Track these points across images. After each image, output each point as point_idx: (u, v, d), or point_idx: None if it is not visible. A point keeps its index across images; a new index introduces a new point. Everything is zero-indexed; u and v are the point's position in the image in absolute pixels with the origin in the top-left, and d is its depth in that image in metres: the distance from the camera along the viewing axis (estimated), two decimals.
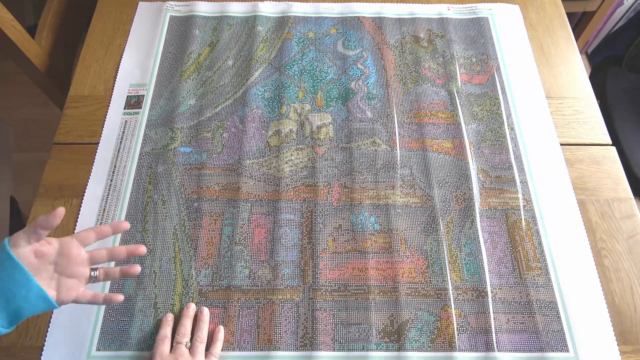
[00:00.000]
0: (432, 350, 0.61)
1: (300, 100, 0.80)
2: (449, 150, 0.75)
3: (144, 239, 0.68)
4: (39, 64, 0.90)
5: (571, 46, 0.88)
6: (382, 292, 0.64)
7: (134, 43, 0.86)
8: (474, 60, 0.85)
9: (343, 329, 0.62)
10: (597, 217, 0.71)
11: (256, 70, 0.83)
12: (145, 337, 0.61)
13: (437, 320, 0.62)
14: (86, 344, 0.60)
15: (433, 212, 0.70)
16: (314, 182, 0.73)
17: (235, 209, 0.70)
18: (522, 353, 0.61)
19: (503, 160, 0.75)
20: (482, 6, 0.91)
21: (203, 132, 0.77)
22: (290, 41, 0.87)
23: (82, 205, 0.70)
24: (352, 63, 0.84)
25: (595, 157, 0.76)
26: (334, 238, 0.68)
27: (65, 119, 0.78)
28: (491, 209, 0.71)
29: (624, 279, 0.66)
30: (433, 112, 0.79)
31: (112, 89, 0.81)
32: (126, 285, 0.64)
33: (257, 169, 0.74)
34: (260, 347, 0.61)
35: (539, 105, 0.80)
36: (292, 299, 0.64)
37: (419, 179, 0.73)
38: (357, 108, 0.80)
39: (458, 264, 0.66)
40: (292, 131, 0.77)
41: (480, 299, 0.64)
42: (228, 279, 0.65)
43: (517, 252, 0.67)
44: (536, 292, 0.64)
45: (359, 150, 0.75)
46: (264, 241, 0.68)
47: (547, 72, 0.84)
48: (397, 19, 0.89)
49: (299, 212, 0.70)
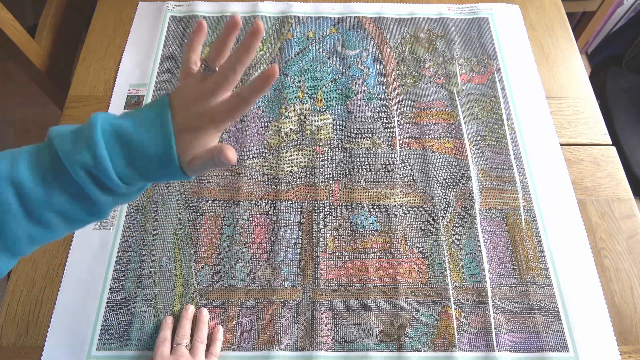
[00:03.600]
0: (432, 350, 0.61)
1: (300, 100, 0.80)
2: (449, 150, 0.75)
3: (143, 239, 0.68)
4: (39, 64, 0.90)
5: (571, 46, 0.88)
6: (382, 292, 0.64)
7: (134, 43, 0.86)
8: (474, 60, 0.85)
9: (343, 329, 0.62)
10: (597, 217, 0.71)
11: (256, 70, 0.83)
12: (145, 337, 0.61)
13: (437, 320, 0.63)
14: (86, 344, 0.60)
15: (433, 212, 0.70)
16: (314, 182, 0.73)
17: (235, 209, 0.70)
18: (522, 353, 0.61)
19: (503, 160, 0.75)
20: (482, 6, 0.91)
21: None
22: (290, 41, 0.87)
23: None
24: (352, 63, 0.84)
25: (595, 157, 0.76)
26: (334, 238, 0.68)
27: (65, 119, 0.78)
28: (491, 209, 0.71)
29: (624, 279, 0.66)
30: (433, 112, 0.79)
31: (112, 89, 0.81)
32: (126, 285, 0.64)
33: (257, 169, 0.74)
34: (260, 347, 0.61)
35: (539, 105, 0.80)
36: (292, 299, 0.64)
37: (419, 179, 0.73)
38: (357, 108, 0.80)
39: (458, 264, 0.66)
40: (292, 131, 0.77)
41: (480, 299, 0.64)
42: (228, 279, 0.65)
43: (517, 252, 0.67)
44: (536, 292, 0.64)
45: (359, 150, 0.75)
46: (264, 241, 0.68)
47: (547, 72, 0.84)
48: (397, 19, 0.89)
49: (299, 212, 0.70)
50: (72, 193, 0.37)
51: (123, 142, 0.37)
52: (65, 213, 0.38)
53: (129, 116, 0.39)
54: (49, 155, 0.37)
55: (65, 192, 0.37)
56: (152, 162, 0.38)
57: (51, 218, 0.37)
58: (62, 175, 0.37)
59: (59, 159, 0.36)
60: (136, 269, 0.66)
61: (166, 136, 0.37)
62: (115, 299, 0.63)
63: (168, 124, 0.38)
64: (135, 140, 0.37)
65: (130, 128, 0.37)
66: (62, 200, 0.37)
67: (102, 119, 0.37)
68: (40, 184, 0.36)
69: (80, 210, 0.38)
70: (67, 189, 0.37)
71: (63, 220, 0.38)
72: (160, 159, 0.38)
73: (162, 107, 0.38)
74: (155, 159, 0.38)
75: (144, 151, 0.37)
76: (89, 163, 0.36)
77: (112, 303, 0.63)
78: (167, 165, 0.38)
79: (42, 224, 0.37)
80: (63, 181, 0.37)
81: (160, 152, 0.37)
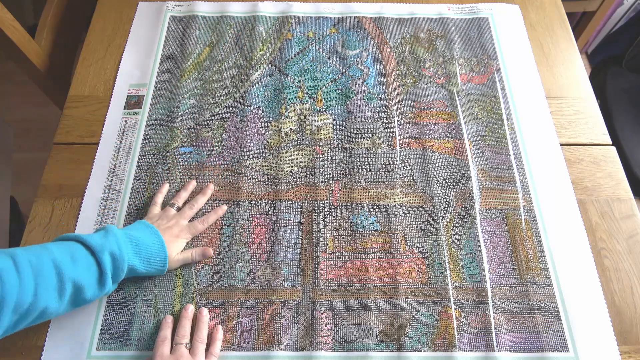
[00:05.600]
0: (432, 350, 0.61)
1: (300, 100, 0.80)
2: (449, 150, 0.75)
3: None
4: (39, 64, 0.90)
5: (571, 46, 0.88)
6: (382, 292, 0.64)
7: (134, 43, 0.86)
8: (474, 60, 0.85)
9: (343, 329, 0.62)
10: (597, 217, 0.71)
11: (256, 70, 0.83)
12: (145, 337, 0.61)
13: (437, 320, 0.63)
14: (86, 344, 0.60)
15: (433, 212, 0.70)
16: (314, 182, 0.73)
17: (235, 209, 0.70)
18: (522, 353, 0.61)
19: (503, 160, 0.75)
20: (482, 6, 0.91)
21: (203, 132, 0.77)
22: (290, 41, 0.87)
23: (82, 205, 0.70)
24: (352, 63, 0.84)
25: (595, 157, 0.76)
26: (334, 238, 0.68)
27: (65, 119, 0.78)
28: (491, 209, 0.71)
29: (624, 279, 0.66)
30: (433, 112, 0.79)
31: (112, 89, 0.81)
32: (126, 286, 0.64)
33: (257, 169, 0.74)
34: (260, 347, 0.61)
35: (539, 105, 0.80)
36: (292, 299, 0.64)
37: (419, 179, 0.73)
38: (357, 108, 0.80)
39: (458, 264, 0.66)
40: (292, 131, 0.77)
41: (480, 299, 0.64)
42: (228, 279, 0.65)
43: (517, 252, 0.67)
44: (536, 292, 0.64)
45: (359, 150, 0.75)
46: (264, 241, 0.68)
47: (547, 72, 0.84)
48: (397, 19, 0.89)
49: (299, 212, 0.70)
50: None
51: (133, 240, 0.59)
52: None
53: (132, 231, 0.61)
54: None
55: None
56: (153, 252, 0.60)
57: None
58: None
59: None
60: None
61: (158, 237, 0.61)
62: (115, 299, 0.63)
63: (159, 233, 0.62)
64: (141, 238, 0.60)
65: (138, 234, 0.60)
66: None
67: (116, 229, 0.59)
68: None
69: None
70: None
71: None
72: (159, 252, 0.61)
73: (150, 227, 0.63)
74: (155, 252, 0.61)
75: (146, 244, 0.60)
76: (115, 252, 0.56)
77: (112, 303, 0.63)
78: (162, 255, 0.61)
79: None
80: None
81: (158, 246, 0.61)
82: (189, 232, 0.66)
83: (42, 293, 0.48)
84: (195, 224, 0.67)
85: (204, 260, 0.66)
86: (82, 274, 0.52)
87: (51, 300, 0.50)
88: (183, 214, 0.67)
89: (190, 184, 0.72)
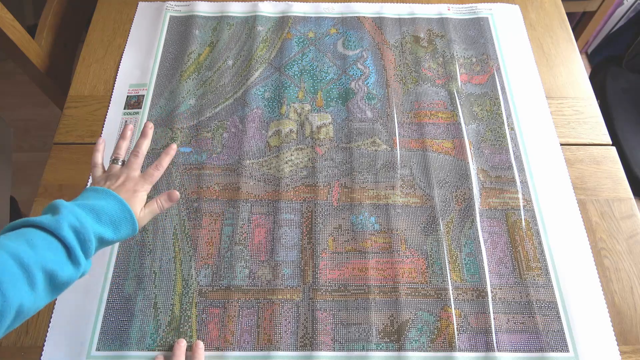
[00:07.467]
0: (432, 350, 0.61)
1: (300, 100, 0.80)
2: (449, 150, 0.75)
3: (143, 239, 0.68)
4: (39, 64, 0.90)
5: (571, 46, 0.88)
6: (382, 292, 0.64)
7: (134, 43, 0.86)
8: (474, 60, 0.85)
9: (343, 329, 0.62)
10: (597, 217, 0.71)
11: (256, 70, 0.83)
12: (145, 337, 0.61)
13: (437, 320, 0.63)
14: (86, 344, 0.60)
15: (433, 212, 0.70)
16: (314, 182, 0.73)
17: (235, 209, 0.70)
18: (522, 353, 0.61)
19: (503, 160, 0.75)
20: (482, 6, 0.91)
21: (203, 132, 0.77)
22: (290, 41, 0.87)
23: None
24: (352, 63, 0.84)
25: (595, 157, 0.76)
26: (334, 238, 0.68)
27: (65, 119, 0.78)
28: (491, 209, 0.71)
29: (624, 279, 0.66)
30: (433, 112, 0.79)
31: (112, 89, 0.81)
32: (126, 286, 0.64)
33: (257, 169, 0.74)
34: (260, 347, 0.61)
35: (539, 105, 0.80)
36: (292, 299, 0.64)
37: (419, 179, 0.73)
38: (357, 108, 0.80)
39: (458, 264, 0.66)
40: (292, 131, 0.77)
41: (480, 299, 0.64)
42: (228, 279, 0.65)
43: (517, 252, 0.67)
44: (536, 292, 0.64)
45: (359, 150, 0.75)
46: (264, 241, 0.68)
47: (547, 72, 0.84)
48: (397, 19, 0.89)
49: (299, 212, 0.70)
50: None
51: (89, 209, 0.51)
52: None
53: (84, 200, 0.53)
54: None
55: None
56: (116, 215, 0.52)
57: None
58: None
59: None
60: (136, 269, 0.66)
61: (115, 197, 0.53)
62: (115, 299, 0.63)
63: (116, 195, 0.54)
64: (96, 204, 0.52)
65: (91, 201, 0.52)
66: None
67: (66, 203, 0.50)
68: None
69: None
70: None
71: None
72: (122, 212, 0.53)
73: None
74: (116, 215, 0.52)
75: (104, 208, 0.51)
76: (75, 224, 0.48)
77: (112, 303, 0.63)
78: (127, 215, 0.53)
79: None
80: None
81: (118, 207, 0.53)
82: (145, 183, 0.58)
83: (9, 290, 0.42)
84: (149, 172, 0.59)
85: (172, 203, 0.59)
86: (46, 256, 0.46)
87: (23, 294, 0.44)
88: (130, 165, 0.59)
89: (127, 128, 0.64)
